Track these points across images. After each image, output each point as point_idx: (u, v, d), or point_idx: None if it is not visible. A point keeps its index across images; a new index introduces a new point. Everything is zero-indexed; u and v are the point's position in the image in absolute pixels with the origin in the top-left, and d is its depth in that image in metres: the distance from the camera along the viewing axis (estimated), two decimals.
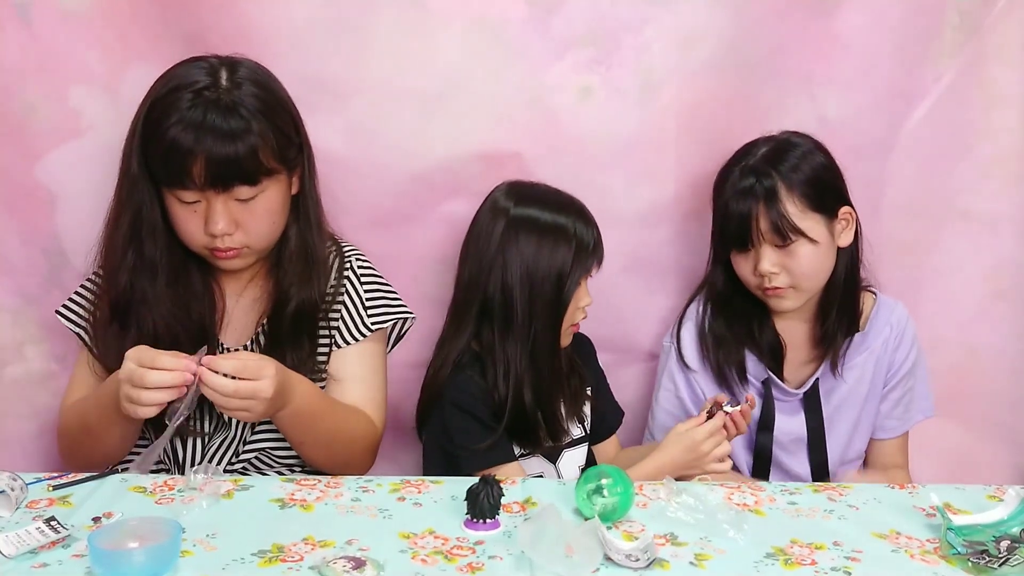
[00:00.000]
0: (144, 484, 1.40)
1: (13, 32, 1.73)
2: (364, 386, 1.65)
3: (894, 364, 1.83)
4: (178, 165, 1.45)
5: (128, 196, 1.54)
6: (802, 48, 1.86)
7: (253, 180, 1.49)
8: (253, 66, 1.55)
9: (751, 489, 1.45)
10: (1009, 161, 1.94)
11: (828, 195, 1.71)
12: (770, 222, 1.67)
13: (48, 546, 1.19)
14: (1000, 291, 2.00)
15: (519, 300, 1.63)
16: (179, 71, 1.51)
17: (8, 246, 1.83)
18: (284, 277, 1.61)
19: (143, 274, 1.55)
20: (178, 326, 1.57)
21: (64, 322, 1.64)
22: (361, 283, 1.69)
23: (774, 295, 1.73)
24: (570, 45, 1.81)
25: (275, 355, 1.57)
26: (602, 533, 1.21)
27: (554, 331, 1.66)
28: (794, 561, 1.22)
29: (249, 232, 1.53)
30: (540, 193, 1.71)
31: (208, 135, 1.44)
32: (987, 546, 1.24)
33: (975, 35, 1.89)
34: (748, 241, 1.70)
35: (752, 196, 1.69)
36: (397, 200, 1.85)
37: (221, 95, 1.46)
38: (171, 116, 1.45)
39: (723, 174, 1.76)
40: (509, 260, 1.63)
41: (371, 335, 1.66)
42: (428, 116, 1.80)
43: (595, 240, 1.68)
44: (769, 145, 1.74)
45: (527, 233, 1.64)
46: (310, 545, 1.22)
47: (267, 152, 1.49)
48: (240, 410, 1.40)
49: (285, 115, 1.55)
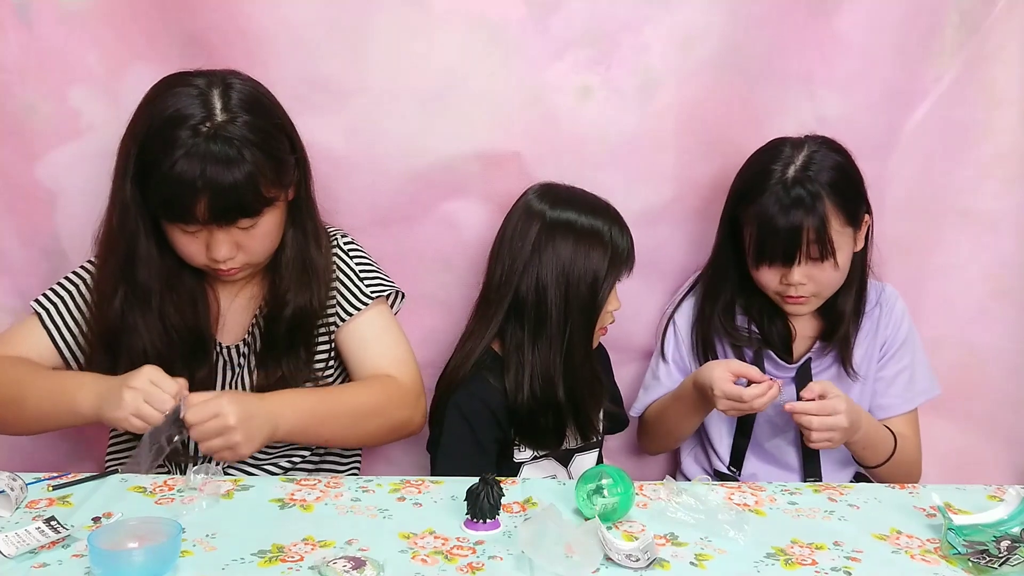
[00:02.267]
0: (144, 484, 1.40)
1: (13, 32, 1.72)
2: (381, 348, 1.66)
3: (887, 338, 1.83)
4: (181, 204, 1.45)
5: (120, 227, 1.53)
6: (802, 48, 1.86)
7: (254, 212, 1.50)
8: (244, 88, 1.52)
9: (751, 489, 1.45)
10: (1009, 161, 1.94)
11: (860, 208, 1.72)
12: (816, 238, 1.65)
13: (48, 546, 1.19)
14: (1000, 291, 2.00)
15: (554, 302, 1.64)
16: (168, 100, 1.47)
17: (8, 246, 1.83)
18: (281, 282, 1.61)
19: (135, 306, 1.55)
20: (172, 334, 1.57)
21: (34, 306, 1.63)
22: (351, 258, 1.70)
23: (795, 303, 1.73)
24: (569, 45, 1.81)
25: (269, 360, 1.59)
26: (602, 533, 1.21)
27: (587, 333, 1.67)
28: (794, 561, 1.22)
29: (249, 253, 1.54)
30: (576, 197, 1.72)
31: (210, 175, 1.43)
32: (987, 546, 1.24)
33: (975, 35, 1.89)
34: (795, 257, 1.66)
35: (803, 211, 1.64)
36: (397, 200, 1.85)
37: (218, 130, 1.44)
38: (170, 155, 1.42)
39: (756, 182, 1.70)
40: (544, 262, 1.64)
41: (372, 303, 1.67)
42: (428, 116, 1.80)
43: (629, 246, 1.69)
44: (807, 153, 1.69)
45: (563, 236, 1.65)
46: (310, 545, 1.22)
47: (266, 183, 1.48)
48: (224, 448, 1.41)
49: (280, 137, 1.54)
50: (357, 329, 1.66)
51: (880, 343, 1.83)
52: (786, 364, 1.82)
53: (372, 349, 1.66)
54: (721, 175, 1.84)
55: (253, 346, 1.64)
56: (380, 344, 1.67)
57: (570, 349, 1.65)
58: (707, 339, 1.83)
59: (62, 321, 1.61)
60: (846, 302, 1.78)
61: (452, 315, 1.93)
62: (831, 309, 1.79)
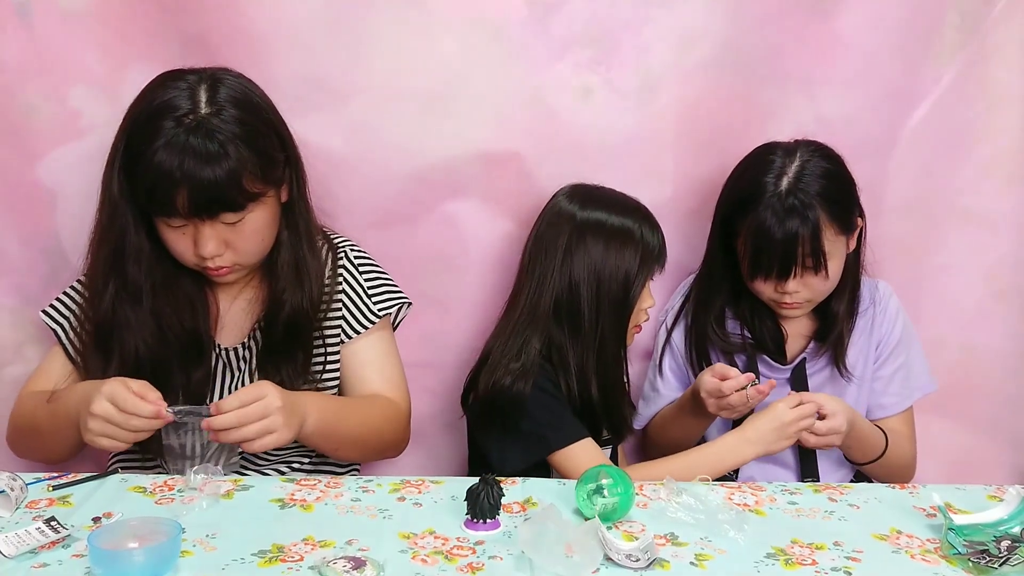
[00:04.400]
0: (144, 484, 1.40)
1: (13, 32, 1.72)
2: (381, 371, 1.68)
3: (882, 337, 1.83)
4: (162, 195, 1.45)
5: (110, 220, 1.53)
6: (802, 48, 1.86)
7: (238, 207, 1.48)
8: (234, 83, 1.51)
9: (751, 489, 1.45)
10: (1009, 161, 1.94)
11: (853, 216, 1.72)
12: (810, 251, 1.65)
13: (48, 546, 1.19)
14: (1000, 291, 2.00)
15: (586, 301, 1.65)
16: (158, 93, 1.47)
17: (8, 246, 1.83)
18: (277, 283, 1.61)
19: (126, 300, 1.55)
20: (168, 337, 1.56)
21: (45, 318, 1.64)
22: (360, 272, 1.69)
23: (789, 308, 1.74)
24: (570, 45, 1.81)
25: (269, 366, 1.59)
26: (602, 533, 1.21)
27: (620, 331, 1.69)
28: (794, 561, 1.22)
29: (238, 251, 1.53)
30: (605, 196, 1.73)
31: (189, 167, 1.42)
32: (987, 546, 1.24)
33: (975, 35, 1.89)
34: (790, 271, 1.66)
35: (798, 223, 1.63)
36: (397, 200, 1.85)
37: (201, 122, 1.43)
38: (151, 145, 1.42)
39: (749, 192, 1.68)
40: (576, 263, 1.66)
41: (378, 322, 1.67)
42: (428, 116, 1.80)
43: (660, 243, 1.71)
44: (799, 164, 1.67)
45: (594, 236, 1.67)
46: (310, 545, 1.22)
47: (250, 178, 1.47)
48: (264, 433, 1.38)
49: (268, 135, 1.53)
50: (360, 350, 1.67)
51: (876, 342, 1.83)
52: (780, 365, 1.82)
53: (374, 373, 1.67)
54: (720, 175, 1.83)
55: (254, 350, 1.63)
56: (381, 369, 1.68)
57: (603, 347, 1.67)
58: (701, 349, 1.83)
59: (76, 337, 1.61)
60: (839, 303, 1.77)
61: (452, 315, 1.93)
62: (825, 309, 1.79)
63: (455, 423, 1.91)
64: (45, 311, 1.65)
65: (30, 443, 1.63)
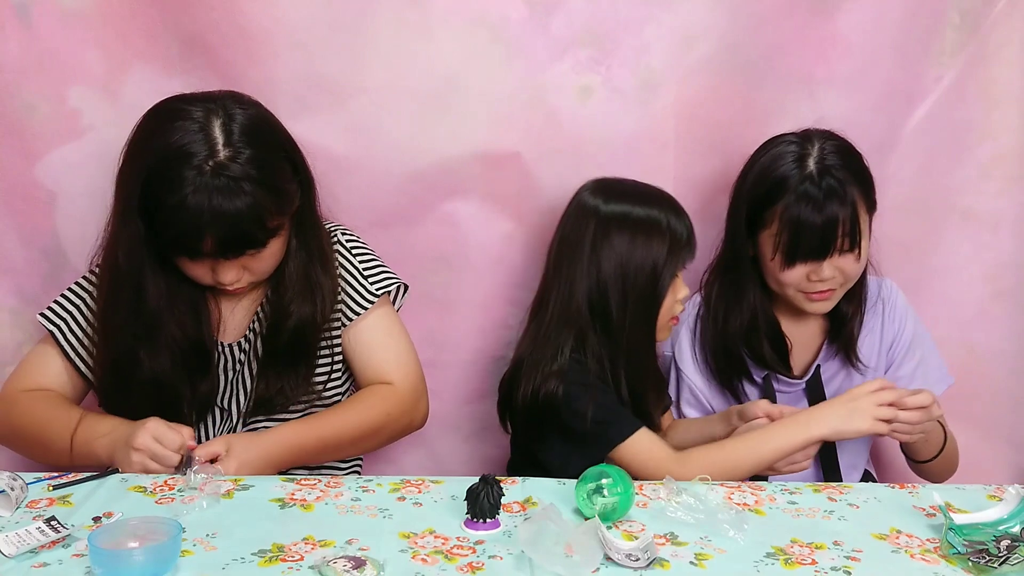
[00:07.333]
0: (144, 484, 1.40)
1: (13, 32, 1.72)
2: (385, 351, 1.68)
3: (895, 335, 1.82)
4: (188, 242, 1.46)
5: (128, 262, 1.51)
6: (802, 48, 1.86)
7: (260, 244, 1.50)
8: (245, 115, 1.49)
9: (751, 489, 1.45)
10: (1009, 161, 1.94)
11: (874, 193, 1.71)
12: (849, 230, 1.63)
13: (48, 546, 1.19)
14: (1000, 291, 2.00)
15: (613, 296, 1.63)
16: (169, 133, 1.44)
17: (8, 246, 1.83)
18: (285, 293, 1.61)
19: (144, 339, 1.55)
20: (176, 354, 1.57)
21: (43, 321, 1.63)
22: (353, 255, 1.69)
23: (821, 298, 1.71)
24: (570, 45, 1.81)
25: (270, 373, 1.60)
26: (602, 533, 1.21)
27: (648, 325, 1.65)
28: (794, 561, 1.22)
29: (256, 273, 1.56)
30: (628, 188, 1.71)
31: (214, 215, 1.42)
32: (987, 545, 1.24)
33: (975, 35, 1.89)
34: (829, 250, 1.64)
35: (836, 202, 1.62)
36: (397, 200, 1.85)
37: (221, 168, 1.43)
38: (175, 195, 1.42)
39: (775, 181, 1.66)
40: (604, 259, 1.63)
41: (377, 300, 1.67)
42: (428, 116, 1.80)
43: (688, 231, 1.67)
44: (819, 145, 1.66)
45: (619, 229, 1.64)
46: (310, 545, 1.22)
47: (270, 215, 1.48)
48: None
49: (283, 167, 1.53)
50: (363, 332, 1.67)
51: (889, 340, 1.82)
52: (793, 380, 1.79)
53: (377, 354, 1.67)
54: (721, 175, 1.84)
55: (253, 343, 1.64)
56: (384, 349, 1.68)
57: (633, 342, 1.64)
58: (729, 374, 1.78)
59: (76, 339, 1.62)
60: (848, 300, 1.76)
61: (452, 315, 1.93)
62: (834, 309, 1.77)
63: (456, 423, 1.91)
64: (43, 314, 1.64)
65: (20, 443, 1.65)
